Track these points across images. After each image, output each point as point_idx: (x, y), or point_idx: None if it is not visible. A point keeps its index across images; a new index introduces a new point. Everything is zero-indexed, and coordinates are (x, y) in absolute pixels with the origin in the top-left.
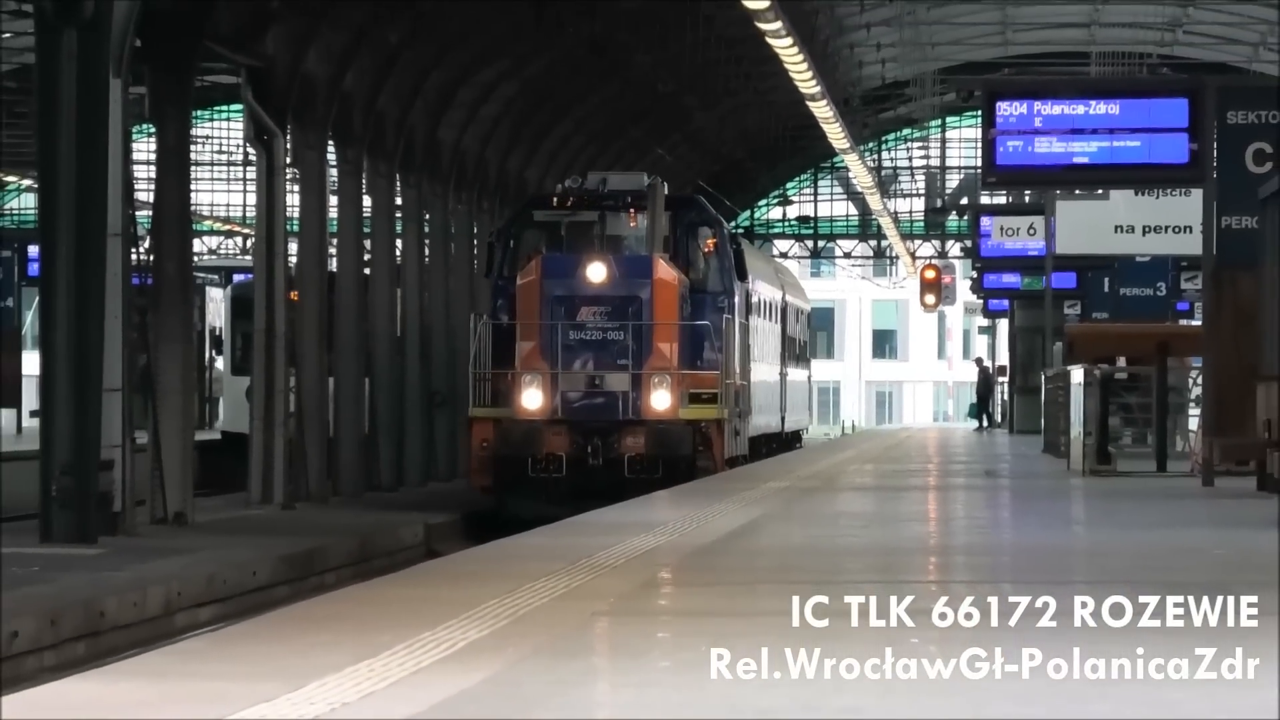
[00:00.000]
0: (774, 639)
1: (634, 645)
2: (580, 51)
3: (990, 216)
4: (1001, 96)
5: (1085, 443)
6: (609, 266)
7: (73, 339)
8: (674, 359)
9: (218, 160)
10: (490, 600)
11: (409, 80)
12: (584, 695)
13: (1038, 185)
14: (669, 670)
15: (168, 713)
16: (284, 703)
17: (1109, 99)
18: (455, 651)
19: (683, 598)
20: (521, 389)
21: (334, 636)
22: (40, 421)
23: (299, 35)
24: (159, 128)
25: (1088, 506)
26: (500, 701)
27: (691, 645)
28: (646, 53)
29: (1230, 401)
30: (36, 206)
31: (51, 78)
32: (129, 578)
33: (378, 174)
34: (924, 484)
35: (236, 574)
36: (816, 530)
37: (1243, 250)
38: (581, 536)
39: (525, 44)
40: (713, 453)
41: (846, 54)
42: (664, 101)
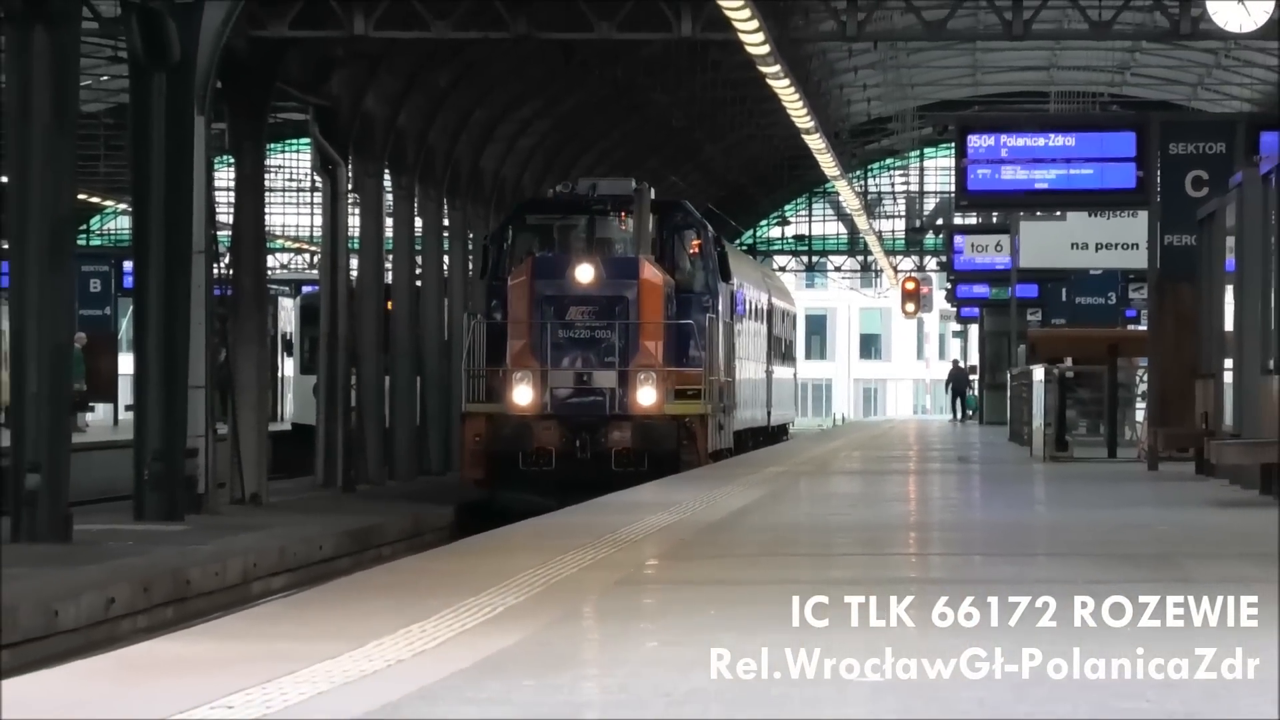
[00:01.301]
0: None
1: (652, 610)
2: (605, 92)
3: (962, 235)
4: (972, 130)
5: (1045, 432)
6: (597, 267)
7: (162, 342)
8: (659, 357)
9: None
10: (525, 571)
11: (455, 117)
12: (606, 653)
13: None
14: (681, 631)
15: (244, 669)
16: (346, 659)
17: (1066, 132)
18: (495, 615)
19: (694, 568)
20: (512, 386)
21: (390, 602)
22: (134, 414)
23: (359, 79)
24: (237, 159)
25: (1048, 488)
26: (533, 659)
27: (698, 610)
28: (662, 93)
29: (1172, 396)
30: (131, 227)
31: (144, 115)
32: (211, 551)
33: (428, 198)
34: (905, 469)
35: (305, 548)
36: (811, 509)
37: (1183, 264)
38: (605, 515)
39: (557, 86)
40: (696, 446)
41: (836, 93)
42: (678, 135)
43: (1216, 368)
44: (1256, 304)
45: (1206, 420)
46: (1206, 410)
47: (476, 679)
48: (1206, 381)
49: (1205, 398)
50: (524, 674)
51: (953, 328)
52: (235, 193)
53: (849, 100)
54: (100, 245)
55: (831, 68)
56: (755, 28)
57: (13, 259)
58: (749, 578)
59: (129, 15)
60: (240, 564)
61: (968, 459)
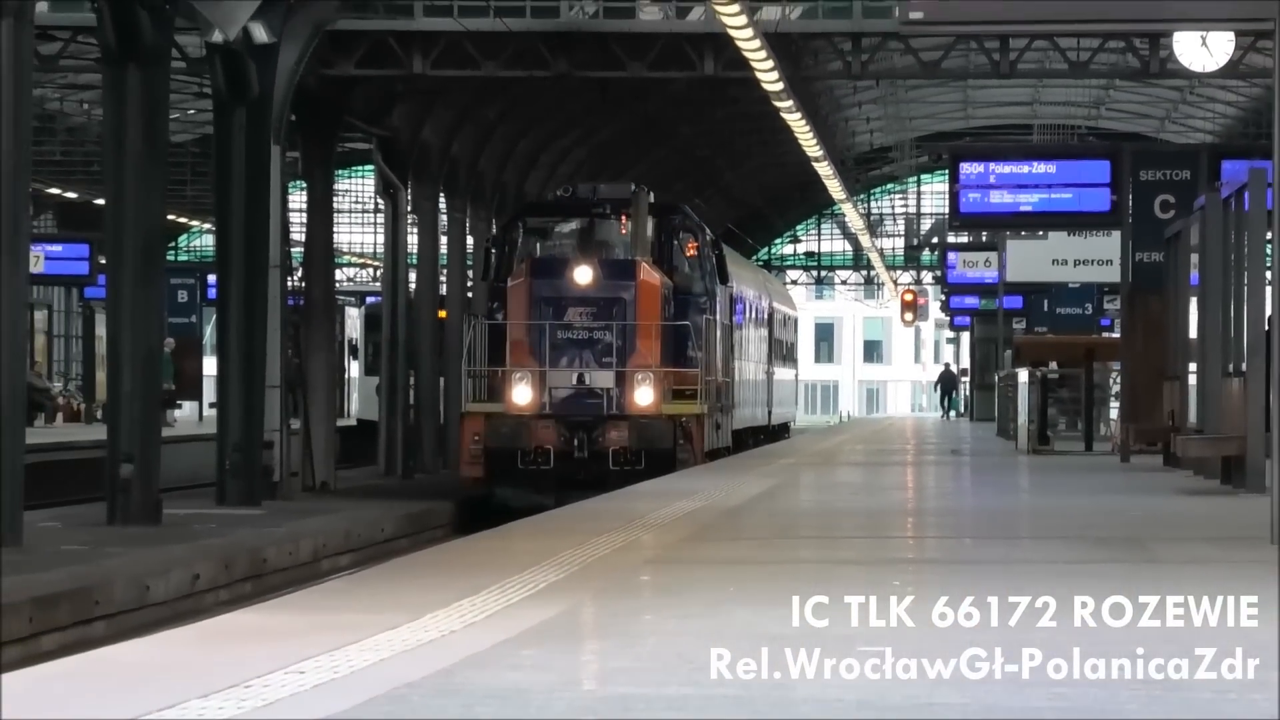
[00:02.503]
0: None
1: (675, 586)
2: (636, 124)
3: (955, 252)
4: (964, 159)
5: (1029, 428)
6: (595, 269)
7: (242, 347)
8: (656, 357)
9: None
10: (564, 551)
11: (502, 147)
12: (634, 625)
13: (992, 228)
14: (703, 604)
15: (315, 638)
16: (404, 630)
17: (1047, 161)
18: (537, 591)
19: (715, 549)
20: (511, 385)
21: (443, 580)
22: (217, 411)
23: (418, 112)
24: (309, 183)
25: (1031, 477)
26: (571, 630)
27: (720, 586)
28: (687, 125)
29: (1142, 396)
30: (214, 245)
31: (225, 145)
32: (285, 532)
33: (477, 219)
34: (903, 460)
35: (368, 530)
36: (818, 496)
37: (1152, 278)
38: (636, 501)
39: (593, 119)
40: (693, 446)
41: (842, 125)
42: (701, 163)
43: (1182, 371)
44: (1218, 314)
45: (1173, 417)
46: (1173, 409)
47: (520, 647)
48: (1173, 383)
49: (1172, 397)
50: (562, 643)
51: (946, 335)
52: (307, 214)
53: (853, 131)
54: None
55: (838, 102)
56: (770, 67)
57: (110, 272)
58: (764, 558)
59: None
60: (311, 544)
61: (960, 451)
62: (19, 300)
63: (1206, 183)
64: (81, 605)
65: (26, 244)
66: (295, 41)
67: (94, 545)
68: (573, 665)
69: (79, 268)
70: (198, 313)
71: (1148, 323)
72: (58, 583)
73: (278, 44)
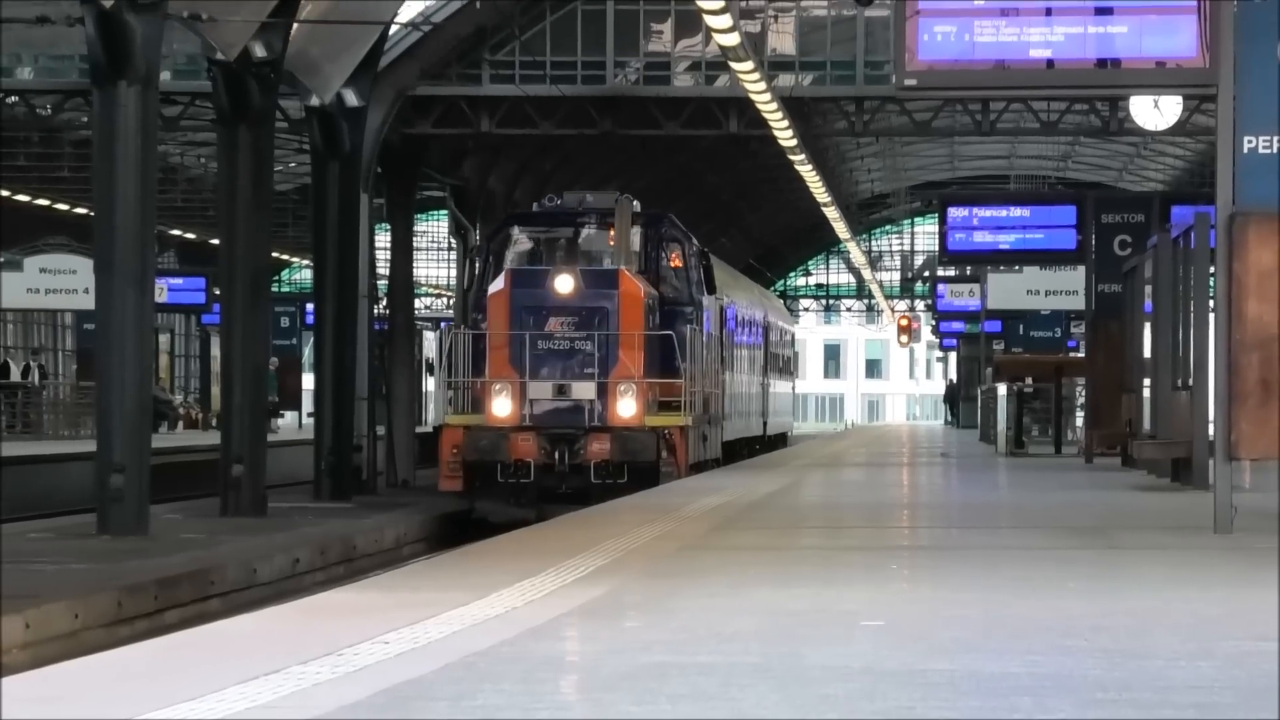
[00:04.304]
0: (795, 565)
1: (704, 570)
2: (670, 174)
3: (944, 283)
4: (951, 204)
5: (1006, 434)
6: (576, 278)
7: (335, 364)
8: (640, 368)
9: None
10: (609, 540)
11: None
12: (669, 603)
13: (976, 263)
14: (728, 585)
15: (397, 614)
16: (474, 606)
17: (1022, 206)
18: (587, 574)
19: (739, 538)
20: (491, 397)
21: (507, 563)
22: (314, 419)
23: (485, 164)
24: (392, 225)
25: (1008, 476)
26: (616, 606)
27: (741, 570)
28: (714, 175)
29: (1104, 406)
30: (312, 278)
31: (321, 193)
32: (372, 523)
33: None
34: (899, 462)
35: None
36: (827, 492)
37: (1112, 306)
38: (672, 497)
39: (634, 170)
40: (676, 458)
41: (847, 175)
42: (726, 206)
43: (1137, 385)
44: (1168, 337)
45: (1130, 425)
46: (1130, 417)
47: (572, 622)
48: (1130, 395)
49: (1129, 408)
50: (608, 618)
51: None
52: (390, 251)
53: (857, 180)
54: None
55: (843, 156)
56: (785, 126)
57: (223, 301)
58: (780, 544)
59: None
60: (394, 533)
61: (948, 454)
62: (147, 325)
63: (1158, 225)
64: (199, 585)
65: (152, 277)
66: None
67: (209, 534)
68: (617, 637)
69: (197, 298)
70: (297, 335)
71: (1108, 344)
72: (179, 565)
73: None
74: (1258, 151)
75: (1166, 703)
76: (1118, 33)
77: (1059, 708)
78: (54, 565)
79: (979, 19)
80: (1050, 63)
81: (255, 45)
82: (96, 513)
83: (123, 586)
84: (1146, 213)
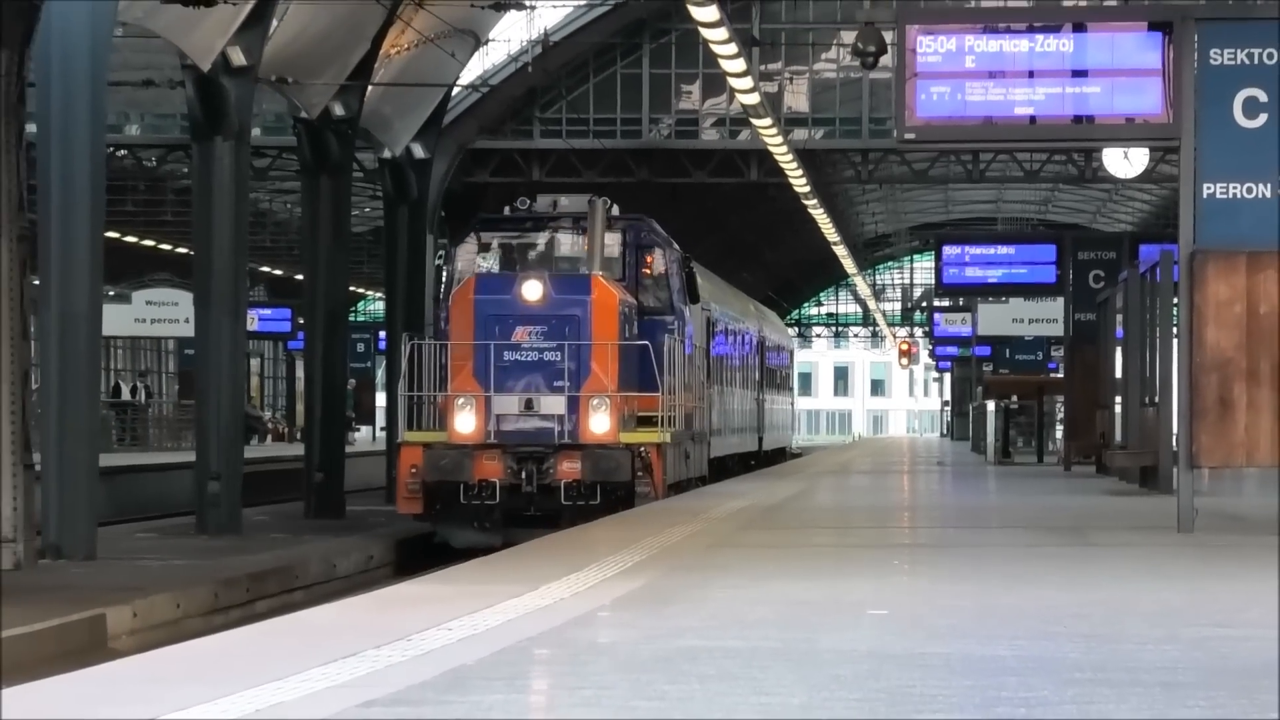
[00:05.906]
0: (809, 561)
1: (730, 564)
2: (699, 216)
3: (940, 313)
4: (947, 242)
5: (994, 445)
6: (545, 284)
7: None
8: (614, 380)
9: None
10: (646, 538)
11: None
12: (699, 594)
13: (968, 295)
14: (750, 578)
15: (459, 602)
16: (526, 598)
17: (1008, 244)
18: (627, 569)
19: (759, 536)
20: (454, 412)
21: (555, 560)
22: (385, 433)
23: None
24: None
25: (996, 482)
26: (652, 597)
27: (761, 564)
28: (736, 217)
29: (1080, 421)
30: (384, 309)
31: (393, 234)
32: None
33: None
34: (900, 470)
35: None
36: (836, 497)
37: (1087, 333)
38: (701, 500)
39: (666, 213)
40: (653, 478)
41: (854, 217)
42: (747, 245)
43: (1110, 402)
44: (1136, 360)
45: (1104, 437)
46: (1104, 430)
47: (613, 611)
48: (1103, 411)
49: (1102, 422)
50: (646, 607)
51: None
52: None
53: (862, 222)
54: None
55: (851, 200)
56: (800, 174)
57: (306, 330)
58: (796, 542)
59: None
60: None
61: (943, 463)
62: (240, 350)
63: (1128, 261)
64: (285, 579)
65: (245, 309)
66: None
67: (294, 534)
68: (652, 624)
69: (283, 326)
70: (372, 359)
71: (1084, 366)
72: (268, 562)
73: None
74: (1216, 197)
75: (1136, 682)
76: (1092, 92)
77: (1041, 686)
78: (158, 561)
79: (970, 80)
80: (1033, 119)
81: (335, 105)
82: (195, 515)
83: (219, 580)
84: (1118, 250)
